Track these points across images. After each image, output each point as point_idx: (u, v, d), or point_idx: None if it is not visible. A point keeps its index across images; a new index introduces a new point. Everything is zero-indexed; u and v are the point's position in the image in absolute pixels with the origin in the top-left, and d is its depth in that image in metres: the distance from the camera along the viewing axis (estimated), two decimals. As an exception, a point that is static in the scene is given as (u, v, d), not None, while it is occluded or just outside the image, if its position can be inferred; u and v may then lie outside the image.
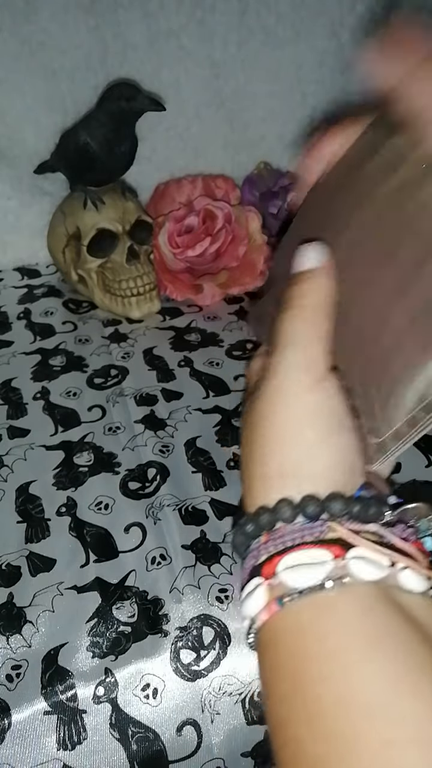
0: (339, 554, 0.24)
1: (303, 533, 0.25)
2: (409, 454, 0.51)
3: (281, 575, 0.24)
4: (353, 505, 0.25)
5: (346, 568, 0.23)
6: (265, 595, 0.24)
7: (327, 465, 0.26)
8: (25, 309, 0.74)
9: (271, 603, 0.24)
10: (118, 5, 0.76)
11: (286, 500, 0.25)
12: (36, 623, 0.40)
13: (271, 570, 0.24)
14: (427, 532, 0.27)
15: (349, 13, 0.84)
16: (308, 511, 0.25)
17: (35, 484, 0.50)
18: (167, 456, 0.52)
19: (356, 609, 0.23)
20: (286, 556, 0.24)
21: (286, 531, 0.25)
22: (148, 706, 0.38)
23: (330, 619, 0.23)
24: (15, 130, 0.78)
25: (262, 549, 0.25)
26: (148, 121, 0.69)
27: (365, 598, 0.23)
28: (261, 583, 0.25)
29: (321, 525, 0.25)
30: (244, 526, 0.26)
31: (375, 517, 0.26)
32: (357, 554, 0.24)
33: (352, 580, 0.23)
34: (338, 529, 0.25)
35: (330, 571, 0.23)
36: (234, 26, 0.81)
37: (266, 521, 0.26)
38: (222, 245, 0.71)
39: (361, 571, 0.23)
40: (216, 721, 0.39)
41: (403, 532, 0.26)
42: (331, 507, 0.25)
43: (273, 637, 0.24)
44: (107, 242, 0.70)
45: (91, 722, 0.37)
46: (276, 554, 0.25)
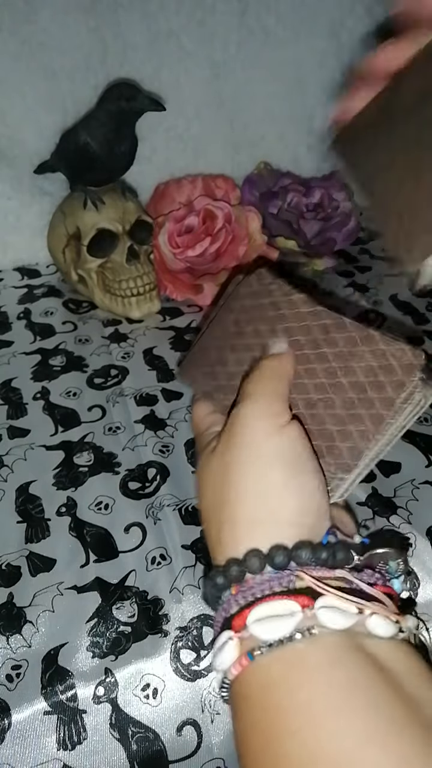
0: (307, 604, 0.24)
1: (271, 583, 0.25)
2: (409, 454, 0.51)
3: (251, 628, 0.24)
4: (320, 552, 0.25)
5: (314, 618, 0.23)
6: (235, 649, 0.24)
7: (294, 509, 0.27)
8: (25, 309, 0.74)
9: (242, 657, 0.24)
10: (118, 6, 0.76)
11: (255, 551, 0.26)
12: (36, 623, 0.40)
13: (241, 622, 0.24)
14: (395, 574, 0.27)
15: (349, 14, 0.84)
16: (276, 561, 0.25)
17: (35, 484, 0.50)
18: (167, 456, 0.52)
19: (325, 661, 0.23)
20: (255, 607, 0.24)
21: (255, 582, 0.25)
22: (148, 706, 0.38)
23: (300, 673, 0.23)
24: (15, 130, 0.78)
25: (233, 601, 0.25)
26: (148, 121, 0.69)
27: (334, 648, 0.23)
28: (231, 636, 0.25)
29: (289, 574, 0.25)
30: (214, 578, 0.26)
31: (343, 562, 0.26)
32: (325, 603, 0.24)
33: (321, 631, 0.23)
34: (305, 579, 0.25)
35: (299, 622, 0.23)
36: (234, 27, 0.81)
37: (235, 573, 0.26)
38: (222, 245, 0.71)
39: (329, 620, 0.23)
40: (216, 721, 0.39)
41: (371, 577, 0.26)
42: (298, 555, 0.25)
43: (244, 691, 0.24)
44: (107, 242, 0.70)
45: (91, 722, 0.37)
46: (245, 606, 0.25)
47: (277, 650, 0.23)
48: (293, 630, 0.23)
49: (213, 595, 0.27)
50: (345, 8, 0.84)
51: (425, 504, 0.47)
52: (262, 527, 0.26)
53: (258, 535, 0.26)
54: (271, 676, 0.23)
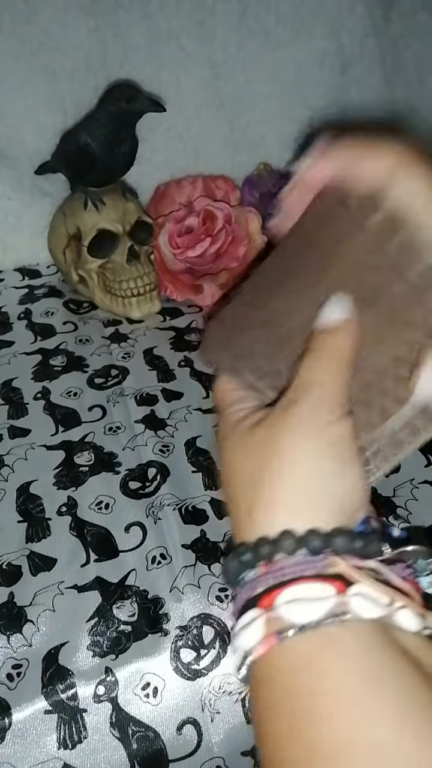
0: (340, 590, 0.23)
1: (303, 567, 0.24)
2: (409, 455, 0.51)
3: (281, 609, 0.23)
4: (356, 541, 0.25)
5: (347, 604, 0.23)
6: (262, 628, 0.23)
7: (338, 500, 0.26)
8: (25, 309, 0.74)
9: (269, 637, 0.23)
10: (118, 6, 0.76)
11: (290, 532, 0.25)
12: (36, 622, 0.40)
13: (270, 602, 0.24)
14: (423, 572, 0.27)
15: (349, 14, 0.84)
16: (312, 545, 0.24)
17: (36, 483, 0.50)
18: (167, 456, 0.53)
19: (357, 647, 0.22)
20: (285, 589, 0.24)
21: (286, 563, 0.25)
22: (149, 705, 0.38)
23: (331, 657, 0.22)
24: (15, 131, 0.78)
25: (261, 580, 0.25)
26: (148, 122, 0.69)
27: (366, 635, 0.23)
28: (258, 615, 0.24)
29: (323, 559, 0.24)
30: (241, 554, 0.26)
31: (375, 553, 0.25)
32: (358, 591, 0.23)
33: (352, 617, 0.23)
34: (340, 565, 0.24)
35: (331, 607, 0.23)
36: (234, 27, 0.81)
37: (266, 552, 0.25)
38: (222, 246, 0.71)
39: (362, 608, 0.23)
40: (216, 720, 0.39)
41: (402, 570, 0.26)
42: (334, 542, 0.24)
43: (269, 672, 0.24)
44: (108, 243, 0.70)
45: (91, 721, 0.37)
46: (275, 587, 0.24)
47: (308, 633, 0.23)
48: (326, 614, 0.23)
49: (236, 571, 0.26)
50: (345, 8, 0.84)
51: (424, 503, 0.47)
52: (301, 510, 0.26)
53: (294, 517, 0.25)
54: (300, 659, 0.23)
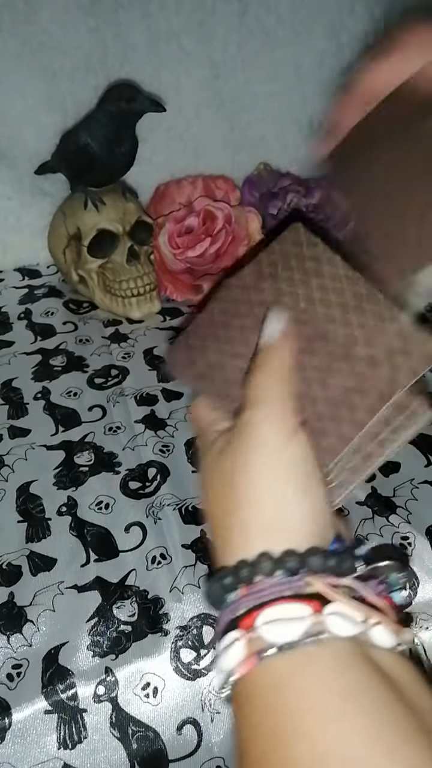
0: (317, 609, 0.24)
1: (281, 588, 0.25)
2: (409, 455, 0.51)
3: (260, 629, 0.24)
4: (330, 560, 0.25)
5: (323, 623, 0.23)
6: (243, 649, 0.24)
7: (305, 519, 0.27)
8: (25, 309, 0.74)
9: (250, 657, 0.24)
10: (118, 6, 0.76)
11: (267, 554, 0.26)
12: (36, 622, 0.40)
13: (250, 623, 0.24)
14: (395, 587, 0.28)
15: (349, 15, 0.84)
16: (288, 565, 0.25)
17: (36, 483, 0.50)
18: (167, 456, 0.53)
19: (334, 665, 0.23)
20: (265, 610, 0.25)
21: (265, 585, 0.25)
22: (149, 705, 0.38)
23: (309, 675, 0.23)
24: (15, 131, 0.78)
25: (242, 602, 0.25)
26: (148, 122, 0.69)
27: (342, 654, 0.23)
28: (239, 636, 0.25)
29: (299, 579, 0.25)
30: (222, 578, 0.26)
31: (349, 571, 0.26)
32: (334, 610, 0.24)
33: (329, 636, 0.23)
34: (316, 584, 0.25)
35: (309, 626, 0.23)
36: (234, 27, 0.81)
37: (246, 575, 0.26)
38: (222, 246, 0.71)
39: (338, 627, 0.23)
40: (216, 720, 0.39)
41: (376, 587, 0.26)
42: (310, 562, 0.25)
43: (250, 691, 0.24)
44: (108, 243, 0.70)
45: (91, 721, 0.37)
46: (254, 608, 0.25)
47: (287, 653, 0.23)
48: (303, 634, 0.23)
49: (218, 595, 0.27)
50: (345, 9, 0.84)
51: (424, 503, 0.47)
52: (274, 533, 0.26)
53: (269, 540, 0.26)
54: (279, 678, 0.23)
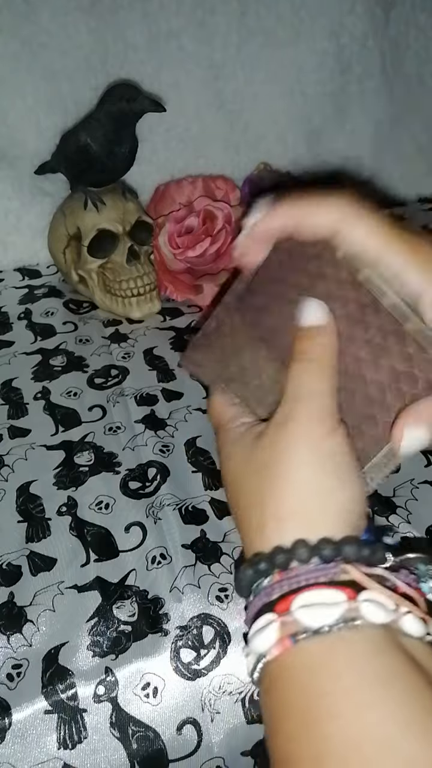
0: (351, 596, 0.25)
1: (317, 574, 0.26)
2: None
3: (296, 613, 0.24)
4: (363, 550, 0.26)
5: (357, 610, 0.24)
6: (278, 631, 0.25)
7: (341, 509, 0.28)
8: (25, 309, 0.74)
9: (284, 639, 0.24)
10: (118, 6, 0.76)
11: (303, 541, 0.26)
12: (36, 622, 0.40)
13: (286, 607, 0.25)
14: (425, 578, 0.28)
15: (349, 14, 0.85)
16: (324, 553, 0.26)
17: (36, 483, 0.50)
18: (167, 456, 0.53)
19: (368, 650, 0.24)
20: (300, 594, 0.25)
21: (301, 571, 0.26)
22: (149, 705, 0.38)
23: (343, 659, 0.24)
24: (16, 131, 0.78)
25: (276, 587, 0.26)
26: (148, 122, 0.69)
27: (375, 640, 0.24)
28: (274, 619, 0.25)
29: (334, 567, 0.26)
30: (256, 564, 0.27)
31: (381, 560, 0.27)
32: (368, 597, 0.25)
33: (363, 622, 0.24)
34: (351, 572, 0.26)
35: (343, 612, 0.24)
36: (234, 27, 0.81)
37: (282, 560, 0.26)
38: (222, 246, 0.71)
39: (372, 613, 0.24)
40: (216, 720, 0.39)
41: (406, 577, 0.27)
42: (345, 550, 0.26)
43: (283, 673, 0.25)
44: (108, 243, 0.70)
45: (91, 721, 0.37)
46: (290, 592, 0.25)
47: (322, 636, 0.24)
48: (338, 619, 0.24)
49: (250, 579, 0.27)
50: (345, 9, 0.84)
51: (424, 503, 0.47)
52: (310, 522, 0.27)
53: (305, 529, 0.27)
54: (314, 660, 0.24)
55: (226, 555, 0.44)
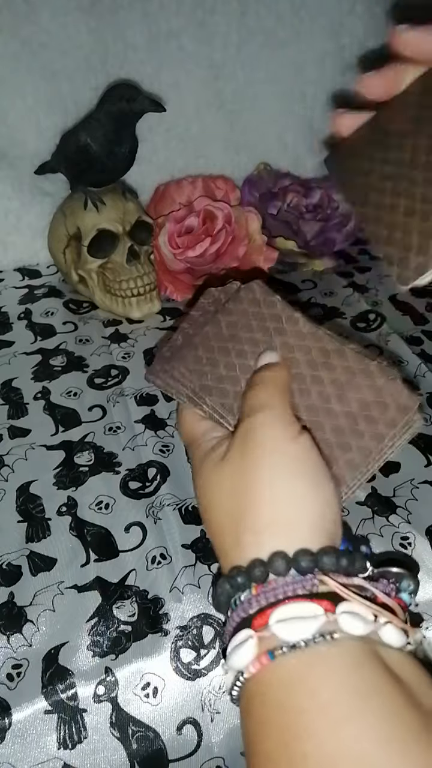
0: (329, 608, 0.24)
1: (294, 586, 0.25)
2: (409, 454, 0.51)
3: (273, 627, 0.24)
4: (342, 559, 0.26)
5: (336, 622, 0.24)
6: (255, 647, 0.24)
7: (317, 515, 0.27)
8: (25, 309, 0.74)
9: (262, 656, 0.24)
10: (118, 6, 0.76)
11: (281, 553, 0.26)
12: (36, 622, 0.40)
13: (263, 622, 0.24)
14: (407, 590, 0.28)
15: (349, 14, 0.84)
16: (302, 565, 0.25)
17: (36, 483, 0.50)
18: (167, 456, 0.53)
19: (346, 664, 0.23)
20: (278, 608, 0.25)
21: (278, 584, 0.25)
22: (149, 705, 0.38)
23: (321, 674, 0.23)
24: (16, 131, 0.78)
25: (254, 601, 0.25)
26: (148, 122, 0.69)
27: (354, 653, 0.23)
28: (251, 635, 0.24)
29: (312, 578, 0.25)
30: (234, 577, 0.26)
31: (360, 570, 0.26)
32: (346, 609, 0.24)
33: (341, 635, 0.23)
34: (329, 583, 0.25)
35: (321, 625, 0.23)
36: (234, 27, 0.81)
37: (259, 574, 0.26)
38: (222, 246, 0.71)
39: (350, 626, 0.24)
40: (216, 720, 0.39)
41: (386, 587, 0.27)
42: (323, 561, 0.25)
43: (261, 690, 0.24)
44: (108, 243, 0.70)
45: (91, 721, 0.37)
46: (267, 606, 0.25)
47: (299, 651, 0.23)
48: (315, 632, 0.23)
49: (228, 594, 0.27)
50: (345, 9, 0.84)
51: (424, 503, 0.47)
52: (286, 532, 0.26)
53: (281, 540, 0.26)
54: (291, 676, 0.23)
55: (226, 555, 0.44)
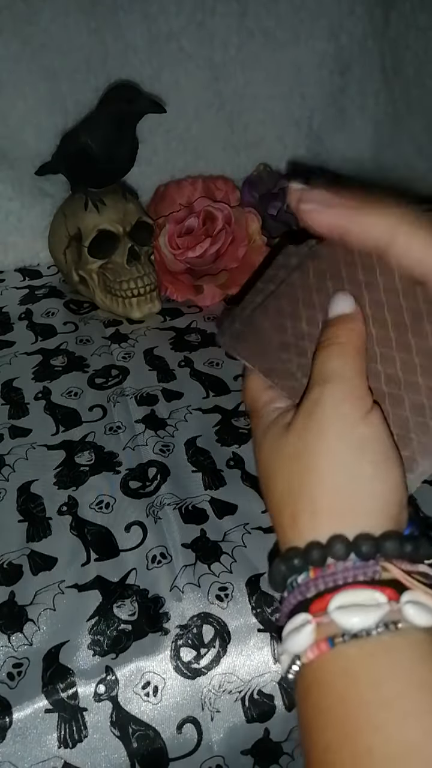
0: (392, 597, 0.23)
1: (355, 572, 0.24)
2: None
3: (333, 614, 0.23)
4: (405, 545, 0.24)
5: (400, 612, 0.22)
6: (314, 633, 0.23)
7: (381, 501, 0.25)
8: (26, 309, 0.75)
9: (321, 642, 0.23)
10: (118, 7, 0.76)
11: (341, 536, 0.24)
12: (37, 621, 0.40)
13: (322, 607, 0.23)
14: None
15: (348, 16, 0.85)
16: (363, 550, 0.24)
17: (36, 483, 0.51)
18: (167, 455, 0.53)
19: (410, 656, 0.22)
20: (338, 594, 0.23)
21: (338, 568, 0.24)
22: (149, 703, 0.38)
23: (385, 665, 0.22)
24: (16, 132, 0.78)
25: (311, 584, 0.24)
26: (148, 123, 0.69)
27: (419, 644, 0.22)
28: (309, 620, 0.23)
29: (374, 564, 0.24)
30: (291, 559, 0.25)
31: (426, 557, 0.25)
32: (411, 598, 0.23)
33: (405, 625, 0.22)
34: (392, 571, 0.24)
35: (384, 614, 0.22)
36: (234, 29, 0.81)
37: (317, 557, 0.24)
38: (222, 246, 0.71)
39: (415, 616, 0.22)
40: (216, 719, 0.39)
41: None
42: (385, 547, 0.24)
43: (320, 677, 0.23)
44: (108, 243, 0.71)
45: (91, 720, 0.37)
46: (326, 591, 0.24)
47: (361, 640, 0.22)
48: (378, 621, 0.22)
49: (283, 575, 0.26)
50: (344, 10, 0.84)
51: (424, 503, 0.47)
52: (348, 516, 0.25)
53: (342, 523, 0.25)
54: (354, 666, 0.22)
55: (226, 554, 0.44)
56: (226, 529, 0.46)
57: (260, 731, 0.39)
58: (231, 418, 0.57)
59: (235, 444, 0.54)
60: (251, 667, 0.40)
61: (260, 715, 0.39)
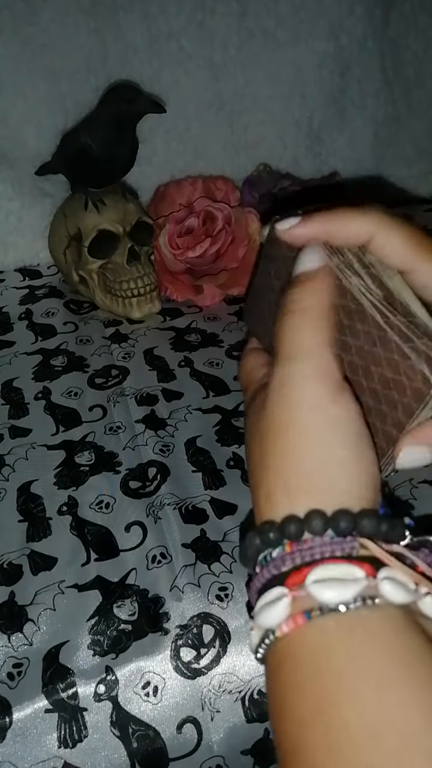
0: (370, 573, 0.23)
1: (333, 547, 0.24)
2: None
3: (310, 587, 0.23)
4: (382, 524, 0.24)
5: (377, 588, 0.22)
6: (289, 606, 0.23)
7: (356, 481, 0.25)
8: (26, 309, 0.75)
9: (297, 615, 0.23)
10: (118, 7, 0.76)
11: (319, 512, 0.24)
12: (37, 621, 0.40)
13: (299, 581, 0.23)
14: None
15: (348, 16, 0.85)
16: (341, 525, 0.24)
17: (36, 483, 0.51)
18: (167, 455, 0.53)
19: (388, 631, 0.22)
20: (315, 568, 0.23)
21: (315, 543, 0.24)
22: (149, 703, 0.38)
23: (362, 639, 0.22)
24: (16, 132, 0.78)
25: (287, 558, 0.24)
26: (148, 123, 0.69)
27: (395, 620, 0.22)
28: (285, 593, 0.23)
29: (351, 541, 0.24)
30: (266, 533, 0.25)
31: (400, 537, 0.25)
32: (388, 575, 0.23)
33: (382, 601, 0.22)
34: (371, 548, 0.24)
35: (362, 589, 0.22)
36: (234, 28, 0.81)
37: (294, 530, 0.24)
38: (222, 246, 0.71)
39: (391, 592, 0.22)
40: (216, 719, 0.39)
41: (427, 556, 0.25)
42: (362, 524, 0.24)
43: (294, 651, 0.23)
44: (108, 243, 0.71)
45: (91, 720, 0.37)
46: (303, 565, 0.24)
47: (338, 614, 0.22)
48: (356, 596, 0.22)
49: (257, 548, 0.25)
50: (344, 10, 0.84)
51: (424, 503, 0.47)
52: (321, 497, 0.25)
53: (319, 500, 0.25)
54: (329, 639, 0.22)
55: (226, 554, 0.44)
56: (226, 529, 0.46)
57: (260, 731, 0.39)
58: (231, 418, 0.57)
59: (235, 444, 0.54)
60: (251, 667, 0.40)
61: (260, 715, 0.39)
